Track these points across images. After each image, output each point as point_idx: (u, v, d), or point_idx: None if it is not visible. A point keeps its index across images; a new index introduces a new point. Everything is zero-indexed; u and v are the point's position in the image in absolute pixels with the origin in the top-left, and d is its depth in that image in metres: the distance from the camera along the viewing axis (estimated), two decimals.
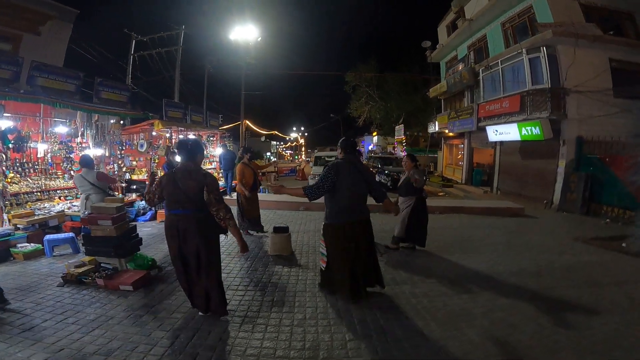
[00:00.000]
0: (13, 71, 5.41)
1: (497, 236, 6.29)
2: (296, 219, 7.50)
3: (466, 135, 16.07)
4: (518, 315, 3.15)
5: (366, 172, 3.55)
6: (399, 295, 3.58)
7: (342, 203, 3.29)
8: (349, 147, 3.53)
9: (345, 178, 3.27)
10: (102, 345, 2.57)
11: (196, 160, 3.05)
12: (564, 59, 9.89)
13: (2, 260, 4.47)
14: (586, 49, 9.71)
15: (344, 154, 3.50)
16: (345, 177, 3.28)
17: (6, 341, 2.57)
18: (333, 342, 2.68)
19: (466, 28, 14.67)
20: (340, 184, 3.26)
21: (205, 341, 2.67)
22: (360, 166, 3.50)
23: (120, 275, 3.77)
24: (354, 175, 3.33)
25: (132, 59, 13.86)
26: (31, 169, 6.18)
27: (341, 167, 3.32)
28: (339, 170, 3.29)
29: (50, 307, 3.19)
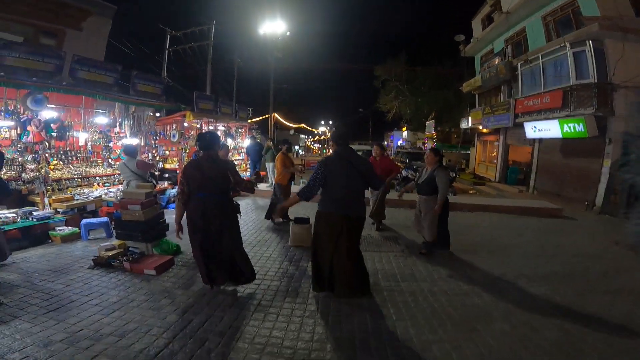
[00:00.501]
0: (56, 64, 5.74)
1: (528, 237, 5.97)
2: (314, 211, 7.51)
3: (501, 131, 15.40)
4: (542, 319, 2.99)
5: (361, 164, 3.21)
6: (416, 292, 3.50)
7: (334, 197, 3.13)
8: (340, 139, 3.23)
9: (336, 173, 3.09)
10: (118, 327, 2.71)
11: (215, 149, 3.38)
12: (611, 53, 9.18)
13: (40, 243, 4.80)
14: (636, 44, 8.97)
15: (336, 147, 3.23)
16: (336, 172, 3.09)
17: (31, 321, 2.75)
18: (342, 335, 2.68)
19: (503, 21, 13.97)
20: (332, 180, 3.09)
21: (216, 327, 2.76)
22: (354, 158, 3.19)
23: (146, 260, 3.97)
24: (346, 169, 3.10)
25: (167, 53, 14.41)
26: (73, 156, 6.63)
27: (332, 162, 3.15)
28: (329, 165, 3.13)
29: (78, 289, 3.39)
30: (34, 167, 5.32)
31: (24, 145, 5.42)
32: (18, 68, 5.21)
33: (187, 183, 3.23)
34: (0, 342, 2.43)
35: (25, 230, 4.62)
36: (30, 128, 5.39)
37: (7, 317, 2.78)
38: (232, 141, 11.20)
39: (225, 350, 2.44)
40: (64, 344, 2.43)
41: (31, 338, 2.50)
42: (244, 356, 2.39)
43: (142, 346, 2.45)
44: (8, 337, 2.50)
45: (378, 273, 4.02)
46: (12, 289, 3.31)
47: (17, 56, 5.21)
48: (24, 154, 5.41)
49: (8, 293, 3.21)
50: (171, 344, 2.50)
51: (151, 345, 2.47)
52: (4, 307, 2.95)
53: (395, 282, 3.75)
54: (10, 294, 3.19)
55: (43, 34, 9.87)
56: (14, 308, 2.95)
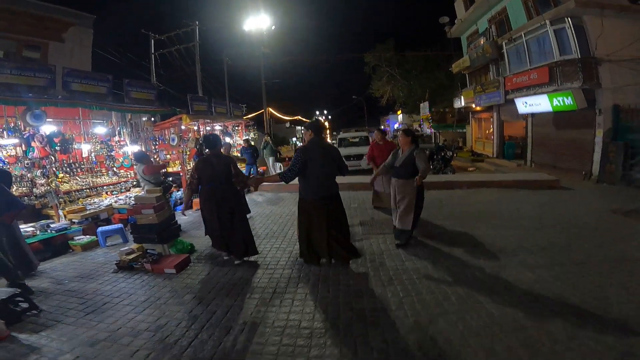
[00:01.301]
0: (48, 79, 5.81)
1: (527, 210, 6.14)
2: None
3: (494, 108, 15.60)
4: (542, 289, 3.14)
5: (332, 150, 3.91)
6: (420, 270, 3.71)
7: (312, 181, 3.66)
8: (315, 129, 3.83)
9: (313, 158, 3.62)
10: (151, 322, 2.94)
11: (218, 148, 4.26)
12: (591, 29, 9.46)
13: (62, 252, 5.02)
14: (614, 19, 9.26)
15: (313, 136, 3.77)
16: (313, 157, 3.62)
17: (73, 324, 2.99)
18: (354, 314, 2.89)
19: (483, 1, 14.22)
20: (311, 165, 3.61)
21: (238, 316, 2.98)
22: (326, 146, 3.92)
23: (164, 260, 4.19)
24: (321, 155, 3.66)
25: (153, 57, 14.42)
26: (78, 168, 6.77)
27: (309, 149, 3.68)
28: (307, 152, 3.64)
29: (108, 292, 3.63)
30: (44, 182, 5.48)
31: (30, 161, 5.57)
32: (12, 85, 5.29)
33: (198, 175, 4.00)
34: (51, 345, 2.65)
35: (46, 242, 4.83)
36: (35, 144, 5.53)
37: (51, 322, 3.01)
38: (231, 139, 11.31)
39: (249, 336, 2.66)
40: (108, 342, 2.66)
41: (78, 339, 2.72)
42: (266, 339, 2.61)
43: (175, 338, 2.67)
44: (56, 340, 2.72)
45: (383, 254, 4.23)
46: (47, 296, 3.54)
47: (9, 73, 5.29)
48: (31, 169, 5.56)
49: (45, 300, 3.44)
50: (200, 334, 2.72)
51: (183, 337, 2.69)
52: (45, 313, 3.18)
53: (399, 262, 3.96)
54: (47, 301, 3.42)
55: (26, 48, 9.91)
56: (55, 313, 3.18)
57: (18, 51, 9.69)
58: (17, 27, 9.51)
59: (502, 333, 2.51)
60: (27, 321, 3.06)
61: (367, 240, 4.78)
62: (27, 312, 3.16)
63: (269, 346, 2.52)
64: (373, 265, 3.91)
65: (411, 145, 4.37)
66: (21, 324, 3.01)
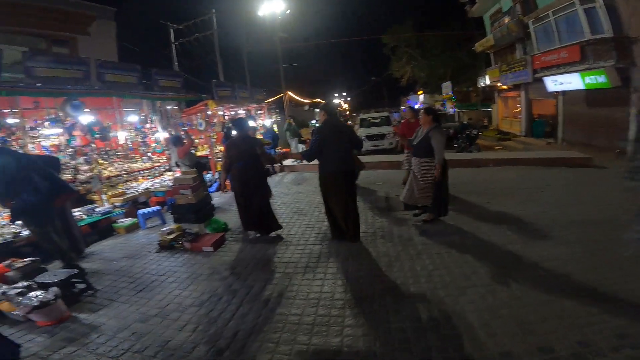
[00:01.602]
0: (84, 71, 6.13)
1: (558, 187, 5.96)
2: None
3: (522, 87, 15.14)
4: (573, 264, 3.11)
5: (345, 128, 4.24)
6: (448, 244, 3.76)
7: (329, 157, 3.91)
8: (329, 110, 4.17)
9: (329, 136, 3.89)
10: (195, 298, 3.17)
11: (246, 129, 4.70)
12: (624, 9, 9.00)
13: (107, 235, 5.38)
14: None
15: (326, 117, 4.07)
16: (328, 136, 3.89)
17: (127, 302, 3.24)
18: (386, 285, 3.03)
19: None
20: (327, 142, 3.87)
21: (274, 289, 3.19)
22: (339, 125, 4.20)
23: (202, 238, 4.46)
24: (335, 133, 3.93)
25: (174, 47, 14.70)
26: (115, 155, 7.17)
27: (324, 129, 3.98)
28: (323, 131, 3.95)
29: (154, 270, 3.90)
30: (87, 168, 5.86)
31: (73, 149, 5.94)
32: (50, 77, 5.60)
33: (229, 156, 4.42)
34: (109, 323, 2.89)
35: (92, 225, 5.19)
36: (76, 133, 5.88)
37: (107, 302, 3.28)
38: (254, 123, 11.53)
39: (286, 310, 2.83)
40: (159, 318, 2.90)
41: (132, 317, 2.97)
42: (302, 310, 2.79)
43: (218, 312, 2.89)
44: (113, 318, 2.97)
45: (411, 230, 4.32)
46: (100, 277, 3.84)
47: (46, 66, 5.58)
48: (74, 157, 5.94)
49: (99, 281, 3.72)
50: (241, 307, 2.94)
51: (225, 310, 2.91)
52: (100, 293, 3.46)
53: (428, 237, 4.04)
54: (100, 282, 3.71)
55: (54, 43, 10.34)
56: (109, 293, 3.45)
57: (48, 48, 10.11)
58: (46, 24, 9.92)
59: (533, 305, 2.57)
60: (84, 301, 3.30)
61: (394, 217, 4.87)
62: (84, 293, 3.39)
63: (305, 317, 2.70)
64: (401, 240, 4.02)
65: (432, 124, 4.26)
66: (79, 304, 3.24)
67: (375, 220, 4.79)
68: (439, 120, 4.37)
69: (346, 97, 60.88)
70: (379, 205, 5.53)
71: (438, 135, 4.13)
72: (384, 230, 4.38)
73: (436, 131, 4.17)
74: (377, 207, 5.46)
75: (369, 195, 6.26)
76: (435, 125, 4.25)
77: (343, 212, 3.95)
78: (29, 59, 5.40)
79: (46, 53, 7.06)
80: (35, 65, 5.44)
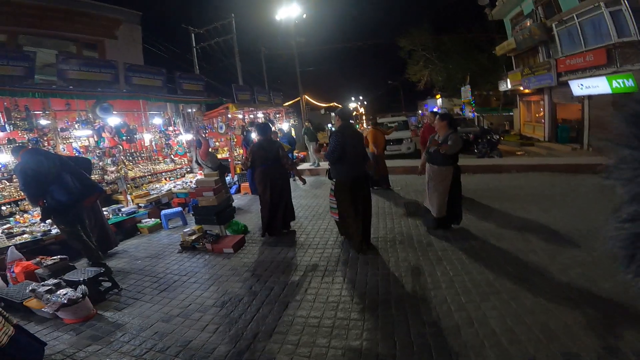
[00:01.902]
0: (112, 74, 6.35)
1: (584, 193, 5.79)
2: None
3: (545, 90, 14.74)
4: (599, 270, 3.05)
5: (360, 135, 4.19)
6: (468, 250, 3.72)
7: (347, 162, 3.90)
8: (344, 115, 4.15)
9: (348, 141, 3.88)
10: (217, 299, 3.22)
11: (269, 134, 4.86)
12: None
13: (131, 235, 5.55)
14: None
15: (341, 122, 4.06)
16: (348, 140, 3.88)
17: (150, 301, 3.33)
18: (405, 291, 3.02)
19: None
20: (348, 147, 3.87)
21: (294, 292, 3.22)
22: (355, 130, 4.16)
23: (223, 240, 4.55)
24: (353, 138, 3.94)
25: (195, 51, 15.06)
26: (139, 156, 7.42)
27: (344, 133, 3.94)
28: (344, 135, 3.91)
29: (176, 270, 4.00)
30: (114, 169, 6.08)
31: (101, 150, 6.19)
32: (81, 80, 5.83)
33: (253, 158, 4.66)
34: (132, 322, 2.97)
35: (118, 224, 5.38)
36: (105, 134, 6.13)
37: (131, 300, 3.37)
38: (273, 126, 11.69)
39: (306, 312, 2.85)
40: (181, 318, 2.97)
41: (155, 316, 3.04)
42: (322, 313, 2.81)
43: (239, 313, 2.94)
44: (137, 317, 3.06)
45: (430, 235, 4.29)
46: (125, 276, 3.96)
47: (78, 69, 5.80)
48: (103, 158, 6.18)
49: (123, 280, 3.84)
50: (261, 309, 2.97)
51: (246, 311, 2.96)
52: (125, 291, 3.56)
53: (447, 242, 3.99)
54: (125, 280, 3.83)
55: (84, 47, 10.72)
56: (133, 292, 3.56)
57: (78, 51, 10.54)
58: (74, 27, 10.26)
59: (556, 311, 2.52)
60: (110, 299, 3.38)
61: (413, 221, 4.84)
62: (110, 291, 3.48)
63: (324, 319, 2.71)
64: (421, 246, 3.98)
65: (448, 129, 4.17)
66: (105, 302, 3.33)
67: (395, 226, 4.78)
68: (455, 126, 4.25)
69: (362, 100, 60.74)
70: (397, 211, 5.50)
71: (456, 137, 4.04)
72: (403, 236, 4.36)
73: (454, 134, 4.08)
74: (396, 212, 5.43)
75: (387, 199, 6.24)
76: (452, 131, 4.14)
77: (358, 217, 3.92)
78: (61, 62, 5.65)
79: (77, 56, 7.35)
80: (68, 68, 5.68)
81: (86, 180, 4.14)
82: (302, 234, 4.79)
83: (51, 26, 9.88)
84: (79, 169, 4.15)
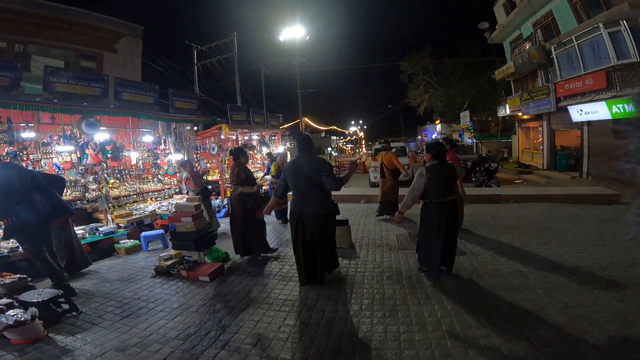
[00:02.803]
0: (101, 88, 6.23)
1: (584, 226, 5.61)
2: (357, 212, 7.55)
3: (544, 116, 14.67)
4: (602, 311, 2.83)
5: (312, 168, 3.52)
6: (460, 288, 3.45)
7: (294, 197, 3.69)
8: (300, 146, 3.71)
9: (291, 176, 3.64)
10: (181, 330, 2.94)
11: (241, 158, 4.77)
12: None
13: (108, 255, 5.29)
14: None
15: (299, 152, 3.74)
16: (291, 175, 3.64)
17: (108, 327, 3.06)
18: (387, 333, 2.72)
19: (526, 6, 13.47)
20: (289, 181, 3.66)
21: (266, 329, 2.92)
22: (312, 161, 3.58)
23: (199, 267, 4.26)
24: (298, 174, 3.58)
25: (196, 68, 15.16)
26: (127, 175, 7.23)
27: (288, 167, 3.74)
28: (287, 170, 3.72)
29: (144, 296, 3.72)
30: (95, 187, 5.88)
31: (84, 167, 6.00)
32: (69, 94, 5.70)
33: None
34: (83, 348, 2.71)
35: (94, 244, 5.13)
36: (88, 151, 5.95)
37: (88, 325, 3.11)
38: (267, 149, 11.53)
39: (276, 353, 2.56)
40: (138, 348, 2.69)
41: (110, 344, 2.77)
42: (293, 355, 2.52)
43: (203, 348, 2.65)
44: (89, 343, 2.79)
45: (420, 269, 3.99)
46: (89, 298, 3.70)
47: (66, 82, 5.70)
48: (85, 175, 5.99)
49: (86, 302, 3.58)
50: (228, 345, 2.68)
51: (210, 347, 2.66)
52: (84, 315, 3.30)
53: (439, 279, 3.70)
54: (87, 303, 3.57)
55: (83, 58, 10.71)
56: (93, 316, 3.29)
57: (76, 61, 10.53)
58: (75, 38, 10.30)
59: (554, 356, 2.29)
60: (66, 322, 3.14)
61: (404, 256, 4.56)
62: (67, 314, 3.24)
63: None
64: (409, 282, 3.70)
65: (432, 161, 3.77)
66: (60, 325, 3.09)
67: (384, 259, 4.49)
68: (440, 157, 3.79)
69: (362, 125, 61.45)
70: (388, 243, 5.22)
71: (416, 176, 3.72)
72: (392, 270, 4.06)
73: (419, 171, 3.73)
74: (386, 244, 5.15)
75: (378, 230, 5.97)
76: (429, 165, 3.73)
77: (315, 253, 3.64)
78: (49, 74, 5.56)
79: (67, 69, 7.26)
80: (55, 80, 5.59)
81: (56, 201, 3.95)
82: (285, 263, 4.51)
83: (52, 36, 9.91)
84: (51, 189, 3.96)
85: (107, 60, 10.88)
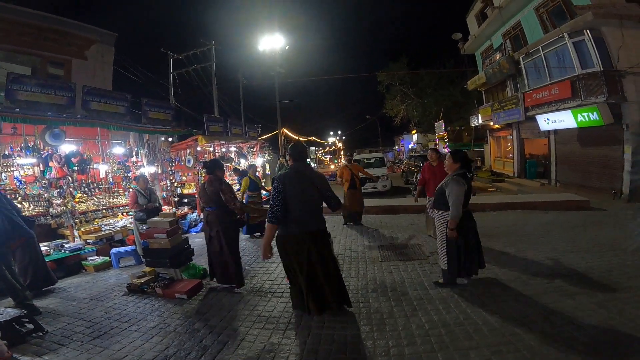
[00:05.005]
0: (68, 97, 5.85)
1: (558, 232, 5.78)
2: (336, 224, 7.47)
3: (514, 126, 15.24)
4: (585, 317, 2.87)
5: (318, 179, 3.17)
6: (447, 299, 3.42)
7: (293, 215, 2.98)
8: (296, 155, 3.19)
9: (293, 188, 2.98)
10: (159, 352, 2.75)
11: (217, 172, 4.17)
12: (612, 41, 9.14)
13: (75, 273, 4.97)
14: (635, 30, 8.95)
15: (292, 162, 3.19)
16: (293, 188, 2.99)
17: (78, 349, 2.84)
18: (375, 348, 2.64)
19: (497, 16, 14.04)
20: (290, 195, 2.96)
21: (250, 348, 2.76)
22: (311, 174, 3.17)
23: (176, 285, 4.03)
24: (303, 185, 3.04)
25: (172, 77, 14.70)
26: (96, 188, 6.83)
27: (288, 178, 3.04)
28: (286, 182, 3.01)
29: (117, 316, 3.49)
30: (60, 202, 5.50)
31: (48, 181, 5.61)
32: (32, 102, 5.34)
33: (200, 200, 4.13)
34: None
35: (59, 261, 4.80)
36: (52, 164, 5.59)
37: (55, 346, 2.88)
38: (246, 161, 11.32)
39: None
40: None
41: None
42: None
43: None
44: None
45: (405, 282, 3.96)
46: (55, 317, 3.45)
47: (30, 90, 5.35)
48: (48, 189, 5.59)
49: (52, 322, 3.34)
50: None
51: None
52: (50, 335, 3.06)
53: (423, 290, 3.68)
54: (54, 323, 3.32)
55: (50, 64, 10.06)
56: (60, 336, 3.06)
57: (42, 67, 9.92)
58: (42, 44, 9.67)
59: None
60: (31, 343, 2.98)
61: (387, 268, 4.51)
62: (32, 334, 3.08)
63: None
64: (395, 294, 3.63)
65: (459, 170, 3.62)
66: (25, 345, 2.93)
67: (367, 272, 4.41)
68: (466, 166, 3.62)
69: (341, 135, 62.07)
70: (371, 255, 5.16)
71: (454, 186, 3.43)
72: (376, 283, 3.98)
73: (453, 181, 3.48)
74: (369, 256, 5.08)
75: (360, 243, 5.89)
76: (458, 174, 3.55)
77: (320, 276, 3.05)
78: (12, 81, 5.20)
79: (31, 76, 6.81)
80: (18, 88, 5.24)
81: (17, 222, 3.75)
82: (267, 279, 4.34)
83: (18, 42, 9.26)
84: (13, 209, 3.80)
85: (76, 67, 10.30)
